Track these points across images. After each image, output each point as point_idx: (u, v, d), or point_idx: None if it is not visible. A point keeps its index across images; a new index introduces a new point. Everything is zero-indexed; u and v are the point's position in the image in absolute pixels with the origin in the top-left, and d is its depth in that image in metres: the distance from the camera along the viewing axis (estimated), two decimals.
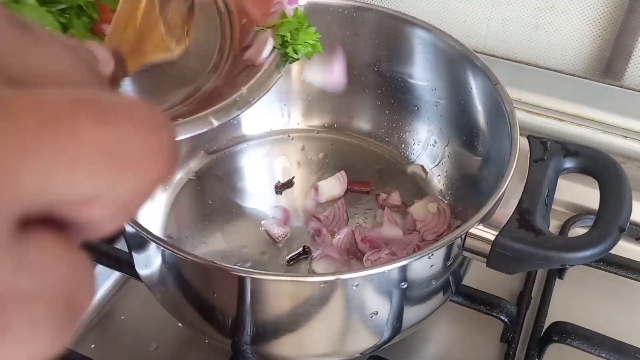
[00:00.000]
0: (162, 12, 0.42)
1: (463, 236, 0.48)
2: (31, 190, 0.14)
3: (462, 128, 0.67)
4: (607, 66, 0.80)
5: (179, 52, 0.45)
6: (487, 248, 0.48)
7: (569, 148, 0.55)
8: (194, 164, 0.73)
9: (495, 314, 0.58)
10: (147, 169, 0.16)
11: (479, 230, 0.48)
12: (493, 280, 0.61)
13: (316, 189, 0.69)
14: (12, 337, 0.15)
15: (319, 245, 0.64)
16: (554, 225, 0.70)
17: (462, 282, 0.58)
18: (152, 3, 0.41)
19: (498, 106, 0.57)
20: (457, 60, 0.64)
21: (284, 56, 0.54)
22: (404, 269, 0.46)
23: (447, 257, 0.49)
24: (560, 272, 0.66)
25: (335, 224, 0.67)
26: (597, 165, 0.54)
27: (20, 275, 0.15)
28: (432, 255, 0.46)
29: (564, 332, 0.57)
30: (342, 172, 0.72)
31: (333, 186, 0.70)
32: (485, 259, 0.49)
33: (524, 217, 0.49)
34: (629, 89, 0.80)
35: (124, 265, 0.62)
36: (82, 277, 0.17)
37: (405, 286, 0.48)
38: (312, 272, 0.62)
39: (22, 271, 0.15)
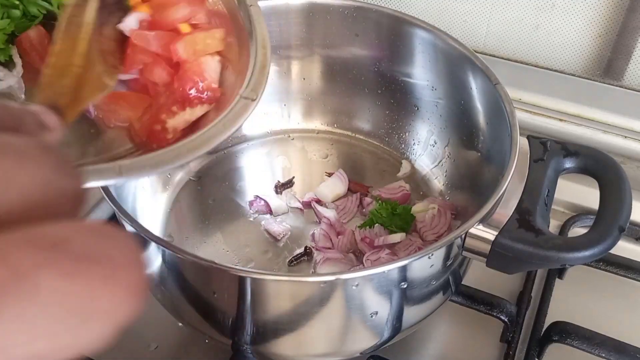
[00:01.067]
0: (100, 46, 0.39)
1: (463, 236, 0.48)
2: None
3: (462, 128, 0.67)
4: (607, 66, 0.80)
5: (113, 84, 0.40)
6: (487, 248, 0.48)
7: (569, 148, 0.55)
8: (194, 164, 0.73)
9: (495, 314, 0.58)
10: (114, 314, 0.15)
11: (479, 230, 0.48)
12: (493, 280, 0.61)
13: (317, 200, 0.69)
14: None
15: (317, 243, 0.64)
16: (554, 225, 0.70)
17: (462, 282, 0.58)
18: (89, 42, 0.38)
19: (498, 106, 0.57)
20: (457, 60, 0.64)
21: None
22: (404, 269, 0.46)
23: (447, 257, 0.49)
24: (560, 272, 0.66)
25: (344, 214, 0.68)
26: (597, 165, 0.54)
27: None
28: (432, 255, 0.46)
29: (564, 332, 0.57)
30: (340, 169, 0.72)
31: (335, 185, 0.71)
32: (485, 259, 0.49)
33: (523, 217, 0.49)
34: (629, 89, 0.80)
35: None
36: None
37: (405, 286, 0.48)
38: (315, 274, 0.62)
39: None
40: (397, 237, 0.63)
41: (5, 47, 0.47)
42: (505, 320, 0.58)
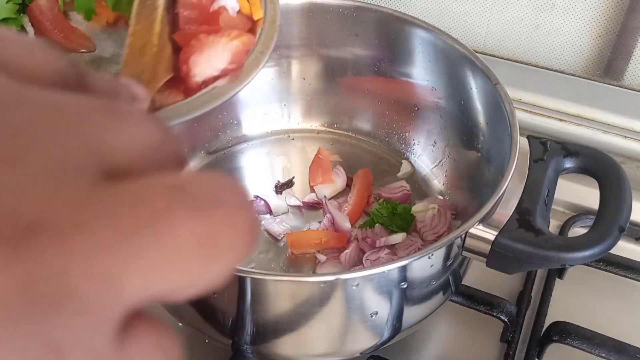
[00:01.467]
0: (169, 29, 0.41)
1: (463, 236, 0.48)
2: (134, 292, 0.15)
3: (462, 128, 0.67)
4: (608, 66, 0.80)
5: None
6: (487, 248, 0.48)
7: (569, 148, 0.55)
8: (194, 164, 0.73)
9: (495, 314, 0.58)
10: (236, 252, 0.17)
11: (479, 230, 0.48)
12: (493, 280, 0.61)
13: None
14: None
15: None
16: (554, 225, 0.70)
17: (462, 282, 0.58)
18: (162, 23, 0.40)
19: (498, 106, 0.57)
20: (457, 60, 0.64)
21: None
22: (404, 269, 0.46)
23: (447, 257, 0.49)
24: (560, 272, 0.66)
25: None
26: (597, 165, 0.54)
27: None
28: (432, 255, 0.46)
29: (564, 332, 0.57)
30: (338, 166, 0.72)
31: (334, 182, 0.71)
32: (485, 259, 0.49)
33: (523, 217, 0.49)
34: (629, 89, 0.80)
35: None
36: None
37: (405, 286, 0.48)
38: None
39: None
40: (399, 237, 0.63)
41: (17, 16, 0.48)
42: (505, 320, 0.58)
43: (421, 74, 0.70)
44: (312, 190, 0.71)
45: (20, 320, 0.13)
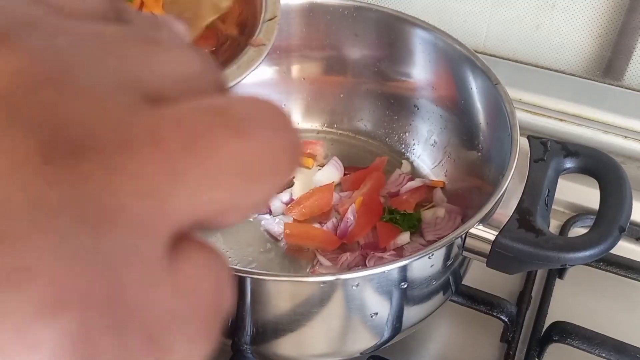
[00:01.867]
0: None
1: (463, 236, 0.48)
2: (181, 211, 0.15)
3: (462, 128, 0.67)
4: (608, 66, 0.80)
5: (227, 5, 0.43)
6: (487, 248, 0.48)
7: (569, 148, 0.55)
8: None
9: (495, 314, 0.58)
10: (279, 172, 0.16)
11: (479, 230, 0.48)
12: (493, 280, 0.61)
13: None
14: (176, 357, 0.15)
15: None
16: (554, 225, 0.70)
17: (462, 282, 0.58)
18: None
19: (498, 106, 0.57)
20: (457, 60, 0.64)
21: None
22: (404, 269, 0.46)
23: (447, 257, 0.49)
24: (560, 272, 0.66)
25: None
26: (598, 165, 0.54)
27: (179, 298, 0.15)
28: (432, 255, 0.46)
29: (564, 332, 0.57)
30: (335, 157, 0.72)
31: (330, 173, 0.71)
32: (485, 259, 0.49)
33: (524, 217, 0.49)
34: (629, 89, 0.80)
35: None
36: (227, 283, 0.17)
37: (406, 286, 0.48)
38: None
39: (179, 293, 0.15)
40: (406, 237, 0.63)
41: None
42: (506, 320, 0.58)
43: (421, 74, 0.70)
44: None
45: (70, 233, 0.13)
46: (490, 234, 0.48)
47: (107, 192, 0.14)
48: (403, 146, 0.75)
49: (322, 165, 0.73)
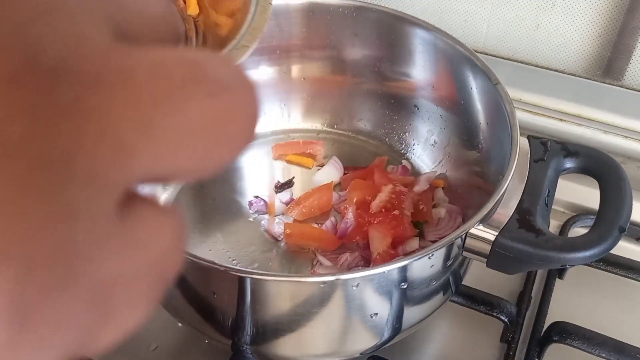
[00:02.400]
0: None
1: (463, 236, 0.48)
2: (141, 167, 0.14)
3: (462, 128, 0.67)
4: (608, 66, 0.80)
5: None
6: (487, 248, 0.48)
7: (569, 148, 0.55)
8: None
9: (495, 314, 0.58)
10: (240, 140, 0.16)
11: (479, 230, 0.48)
12: (493, 280, 0.61)
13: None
14: (115, 321, 0.15)
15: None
16: (554, 225, 0.70)
17: (462, 282, 0.58)
18: None
19: (498, 106, 0.57)
20: (457, 60, 0.64)
21: None
22: (404, 269, 0.46)
23: (447, 257, 0.49)
24: (560, 272, 0.66)
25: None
26: (598, 165, 0.54)
27: (127, 257, 0.14)
28: (432, 255, 0.46)
29: (564, 332, 0.57)
30: (335, 157, 0.72)
31: (330, 173, 0.71)
32: (485, 259, 0.49)
33: (524, 217, 0.49)
34: (629, 88, 0.80)
35: None
36: (177, 248, 0.16)
37: (406, 286, 0.48)
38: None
39: (128, 252, 0.14)
40: (415, 244, 0.62)
41: None
42: (505, 320, 0.58)
43: (421, 74, 0.70)
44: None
45: (26, 178, 0.12)
46: (490, 234, 0.48)
47: (73, 133, 0.13)
48: (403, 146, 0.75)
49: (322, 165, 0.73)
